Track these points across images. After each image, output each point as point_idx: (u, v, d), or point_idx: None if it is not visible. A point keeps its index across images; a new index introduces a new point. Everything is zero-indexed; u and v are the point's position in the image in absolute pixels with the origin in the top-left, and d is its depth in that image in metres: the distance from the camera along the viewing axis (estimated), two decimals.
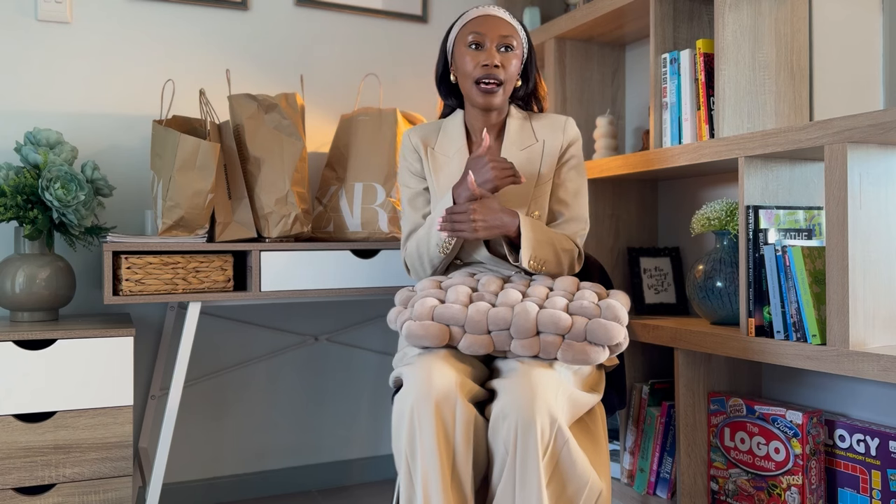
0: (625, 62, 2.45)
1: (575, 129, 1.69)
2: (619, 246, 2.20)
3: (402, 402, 1.36)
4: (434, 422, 1.31)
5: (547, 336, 1.38)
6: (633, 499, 1.91)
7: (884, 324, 1.44)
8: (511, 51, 1.62)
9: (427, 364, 1.36)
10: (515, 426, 1.30)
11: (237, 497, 2.33)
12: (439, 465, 1.30)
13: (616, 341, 1.39)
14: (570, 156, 1.68)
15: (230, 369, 2.31)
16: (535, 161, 1.65)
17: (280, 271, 1.90)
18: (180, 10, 2.24)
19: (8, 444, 1.66)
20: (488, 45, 1.61)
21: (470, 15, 1.65)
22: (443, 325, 1.41)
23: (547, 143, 1.66)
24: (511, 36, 1.62)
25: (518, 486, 1.30)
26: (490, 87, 1.60)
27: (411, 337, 1.40)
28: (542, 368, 1.37)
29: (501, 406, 1.33)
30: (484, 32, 1.61)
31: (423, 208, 1.72)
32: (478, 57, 1.60)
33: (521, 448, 1.30)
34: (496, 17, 1.63)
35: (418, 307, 1.43)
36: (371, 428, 2.53)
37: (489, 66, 1.59)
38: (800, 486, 1.58)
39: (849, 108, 1.73)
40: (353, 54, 2.47)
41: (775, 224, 1.62)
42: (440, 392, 1.32)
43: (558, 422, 1.32)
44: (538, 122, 1.70)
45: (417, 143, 1.71)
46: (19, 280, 1.82)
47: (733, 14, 1.74)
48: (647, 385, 1.93)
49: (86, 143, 2.12)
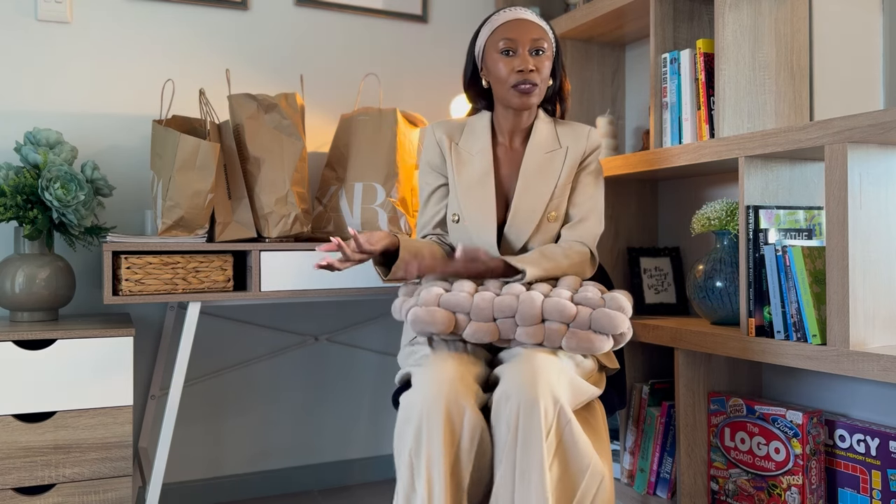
0: (625, 62, 2.45)
1: (598, 138, 1.70)
2: (618, 246, 2.20)
3: (410, 403, 1.35)
4: (443, 427, 1.31)
5: (552, 324, 1.39)
6: (633, 499, 1.91)
7: (884, 324, 1.44)
8: (543, 53, 1.62)
9: (438, 366, 1.36)
10: (518, 407, 1.30)
11: (237, 497, 2.33)
12: (444, 470, 1.30)
13: (620, 330, 1.39)
14: (590, 161, 1.69)
15: (230, 369, 2.31)
16: (557, 165, 1.66)
17: (280, 271, 1.89)
18: (180, 10, 2.24)
19: (8, 444, 1.66)
20: (521, 51, 1.60)
21: (499, 20, 1.64)
22: (448, 313, 1.41)
23: (570, 150, 1.67)
24: (542, 38, 1.62)
25: (519, 466, 1.30)
26: (528, 89, 1.60)
27: (417, 323, 1.40)
28: (544, 353, 1.38)
29: (505, 388, 1.33)
30: (516, 38, 1.61)
31: (438, 204, 1.73)
32: (512, 63, 1.60)
33: (524, 428, 1.30)
34: (526, 21, 1.63)
35: (424, 294, 1.44)
36: (371, 428, 2.52)
37: (524, 72, 1.59)
38: (800, 486, 1.58)
39: (849, 108, 1.73)
40: (353, 54, 2.47)
41: (775, 224, 1.62)
42: (450, 398, 1.32)
43: (560, 402, 1.32)
44: (563, 129, 1.71)
45: (441, 137, 1.71)
46: (19, 280, 1.82)
47: (733, 14, 1.74)
48: (647, 385, 1.93)
49: (86, 143, 2.12)
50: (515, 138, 1.69)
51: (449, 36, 2.59)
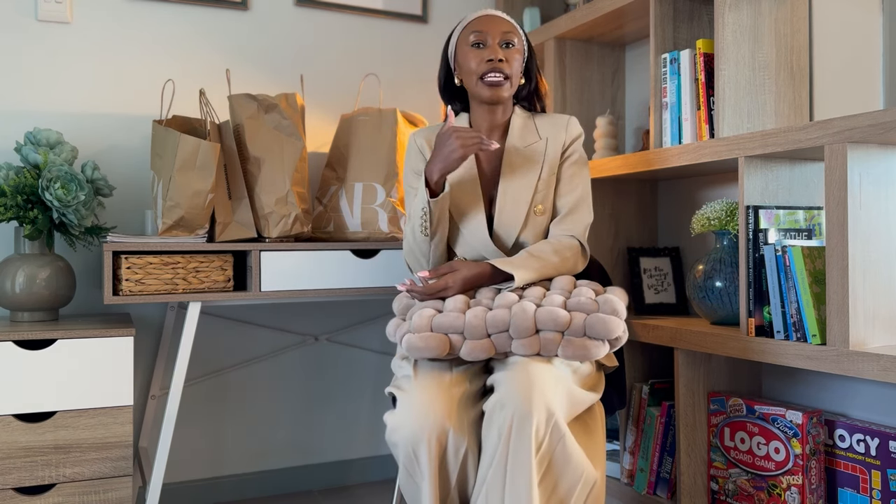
0: (625, 62, 2.45)
1: (577, 126, 1.70)
2: (618, 246, 2.20)
3: (394, 428, 1.38)
4: (427, 458, 1.34)
5: (546, 333, 1.38)
6: (633, 499, 1.91)
7: (884, 324, 1.44)
8: (513, 47, 1.64)
9: (418, 398, 1.38)
10: (511, 416, 1.30)
11: (237, 497, 2.33)
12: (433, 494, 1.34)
13: (615, 335, 1.39)
14: (572, 151, 1.69)
15: (230, 369, 2.31)
16: (538, 158, 1.66)
17: (280, 271, 1.90)
18: (180, 10, 2.24)
19: (8, 444, 1.66)
20: (490, 42, 1.63)
21: (470, 17, 1.68)
22: (442, 336, 1.40)
23: (550, 141, 1.67)
24: (511, 32, 1.65)
25: (508, 478, 1.31)
26: (497, 80, 1.61)
27: (412, 350, 1.40)
28: (541, 363, 1.37)
29: (499, 397, 1.33)
30: (485, 31, 1.63)
31: None
32: (481, 54, 1.62)
33: (515, 439, 1.30)
34: (496, 16, 1.66)
35: (416, 319, 1.42)
36: (371, 428, 2.53)
37: (493, 62, 1.60)
38: (800, 486, 1.58)
39: (849, 108, 1.73)
40: (353, 54, 2.47)
41: (775, 224, 1.62)
42: (432, 429, 1.34)
43: (555, 416, 1.32)
44: (541, 121, 1.71)
45: (423, 144, 1.72)
46: (19, 280, 1.82)
47: (733, 14, 1.74)
48: (647, 385, 1.93)
49: (86, 143, 2.12)
50: (494, 136, 1.70)
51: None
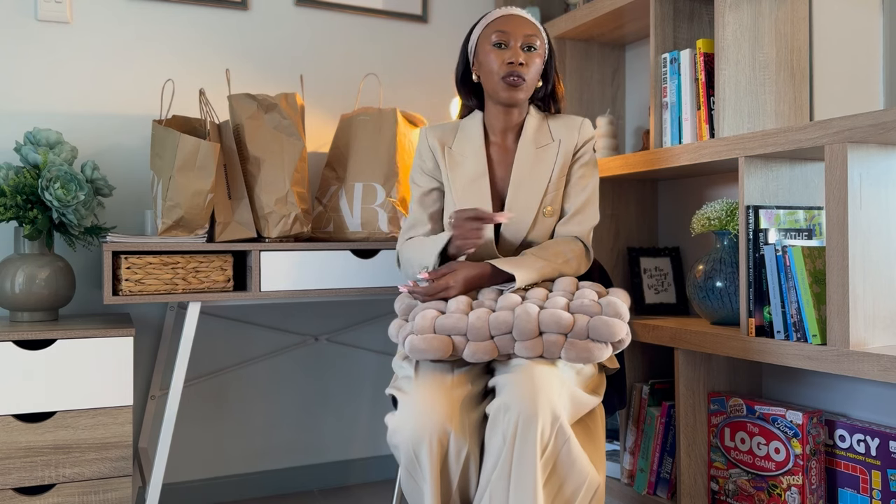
0: (625, 62, 2.45)
1: (590, 129, 1.70)
2: (618, 246, 2.20)
3: (395, 430, 1.38)
4: (428, 461, 1.34)
5: (550, 336, 1.38)
6: (633, 499, 1.91)
7: (884, 324, 1.44)
8: (534, 50, 1.63)
9: (419, 401, 1.37)
10: (517, 419, 1.30)
11: (237, 497, 2.33)
12: (435, 497, 1.34)
13: (618, 337, 1.39)
14: (584, 153, 1.69)
15: (230, 369, 2.31)
16: (550, 159, 1.66)
17: (280, 271, 1.89)
18: (180, 10, 2.24)
19: (8, 444, 1.66)
20: (513, 44, 1.62)
21: (493, 15, 1.66)
22: (445, 337, 1.40)
23: (563, 143, 1.67)
24: (534, 35, 1.63)
25: (513, 480, 1.30)
26: (516, 81, 1.61)
27: (415, 351, 1.40)
28: (544, 366, 1.37)
29: (504, 400, 1.33)
30: (509, 31, 1.62)
31: (431, 207, 1.73)
32: (503, 55, 1.61)
33: (521, 442, 1.30)
34: (520, 17, 1.65)
35: (419, 320, 1.42)
36: (371, 428, 2.52)
37: (514, 64, 1.60)
38: (800, 486, 1.58)
39: (849, 108, 1.73)
40: (353, 54, 2.47)
41: (775, 224, 1.62)
42: (432, 432, 1.34)
43: (560, 419, 1.32)
44: (555, 122, 1.71)
45: (434, 142, 1.72)
46: (19, 280, 1.82)
47: (733, 14, 1.74)
48: (647, 385, 1.93)
49: (86, 143, 2.12)
50: (508, 136, 1.69)
51: (449, 36, 2.59)
